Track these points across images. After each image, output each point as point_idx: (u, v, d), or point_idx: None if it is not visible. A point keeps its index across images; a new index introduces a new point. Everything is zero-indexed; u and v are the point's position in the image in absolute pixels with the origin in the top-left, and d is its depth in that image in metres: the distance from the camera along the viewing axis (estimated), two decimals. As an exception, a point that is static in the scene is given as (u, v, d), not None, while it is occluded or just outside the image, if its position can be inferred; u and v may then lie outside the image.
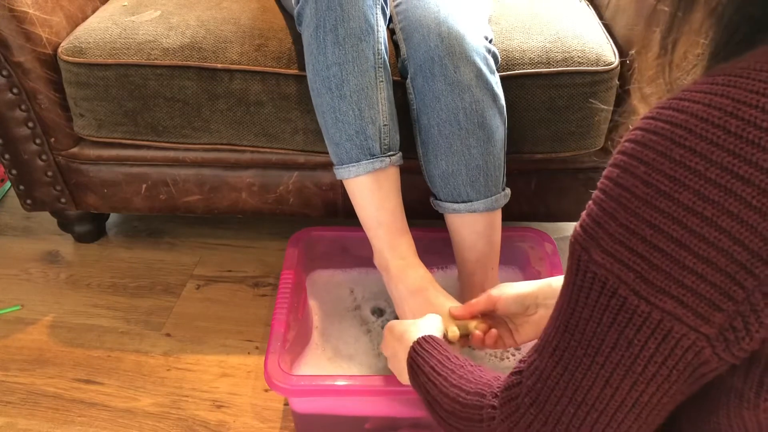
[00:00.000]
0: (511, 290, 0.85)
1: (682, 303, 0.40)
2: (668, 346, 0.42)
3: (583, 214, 0.45)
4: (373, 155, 0.94)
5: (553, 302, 0.82)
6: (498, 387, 0.55)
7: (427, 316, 0.83)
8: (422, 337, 0.72)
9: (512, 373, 0.54)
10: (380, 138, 0.94)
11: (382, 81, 0.94)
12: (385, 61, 0.95)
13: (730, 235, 0.38)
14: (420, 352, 0.70)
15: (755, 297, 0.39)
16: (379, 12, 0.94)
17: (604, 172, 0.43)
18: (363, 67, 0.91)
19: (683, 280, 0.40)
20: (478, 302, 0.88)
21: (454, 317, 0.88)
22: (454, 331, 0.84)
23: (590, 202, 0.45)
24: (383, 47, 0.94)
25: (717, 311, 0.40)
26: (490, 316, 0.89)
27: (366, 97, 0.92)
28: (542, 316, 0.84)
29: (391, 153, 0.95)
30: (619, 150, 0.42)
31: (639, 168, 0.40)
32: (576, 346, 0.46)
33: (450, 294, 0.93)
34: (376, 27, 0.93)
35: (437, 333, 0.77)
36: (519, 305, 0.84)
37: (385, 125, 0.94)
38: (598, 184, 0.44)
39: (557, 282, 0.84)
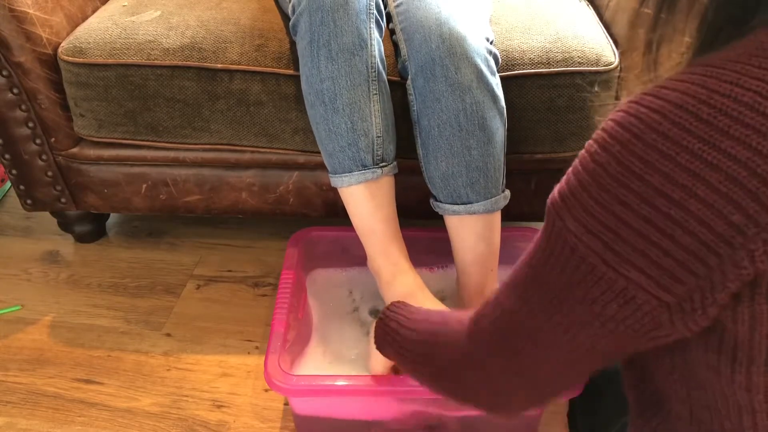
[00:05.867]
0: None
1: (645, 274, 0.42)
2: (629, 309, 0.44)
3: (563, 179, 0.47)
4: (365, 166, 0.95)
5: None
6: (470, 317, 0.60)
7: None
8: (391, 303, 0.76)
9: (482, 305, 0.58)
10: (373, 150, 0.94)
11: (375, 93, 0.94)
12: (379, 73, 0.95)
13: (696, 218, 0.39)
14: (390, 315, 0.75)
15: (716, 275, 0.40)
16: (373, 25, 0.94)
17: (586, 145, 0.45)
18: (356, 81, 0.92)
19: (648, 254, 0.41)
20: None
21: None
22: None
23: (570, 169, 0.47)
24: (378, 60, 0.95)
25: (678, 284, 0.41)
26: None
27: (359, 110, 0.93)
28: None
29: (384, 164, 0.96)
30: (602, 127, 0.44)
31: (615, 147, 0.42)
32: (543, 294, 0.49)
33: (450, 295, 0.93)
34: (369, 41, 0.93)
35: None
36: None
37: (378, 137, 0.95)
38: (579, 153, 0.46)
39: None
